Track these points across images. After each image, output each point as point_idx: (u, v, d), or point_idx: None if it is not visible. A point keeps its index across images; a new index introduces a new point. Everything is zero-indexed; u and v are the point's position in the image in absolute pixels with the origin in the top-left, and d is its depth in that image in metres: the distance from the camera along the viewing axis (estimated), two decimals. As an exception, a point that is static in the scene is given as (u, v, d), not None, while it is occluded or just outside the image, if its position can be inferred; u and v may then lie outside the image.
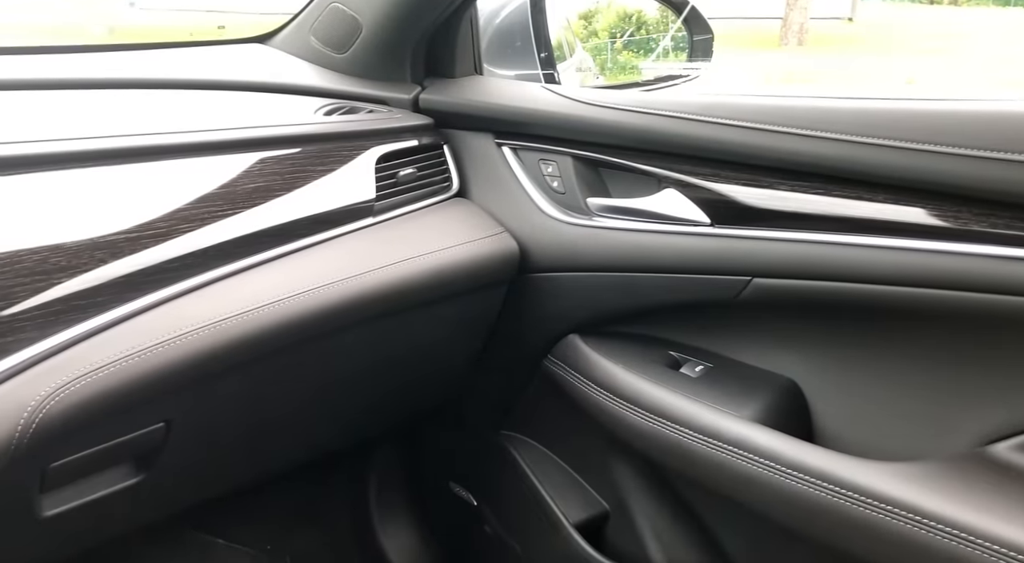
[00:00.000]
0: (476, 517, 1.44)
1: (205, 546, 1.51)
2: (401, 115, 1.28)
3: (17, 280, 0.78)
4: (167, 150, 0.96)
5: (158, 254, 0.89)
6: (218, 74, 1.27)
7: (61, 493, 0.91)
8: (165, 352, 0.86)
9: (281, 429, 1.16)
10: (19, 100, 1.05)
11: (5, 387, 0.75)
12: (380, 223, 1.15)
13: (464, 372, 1.35)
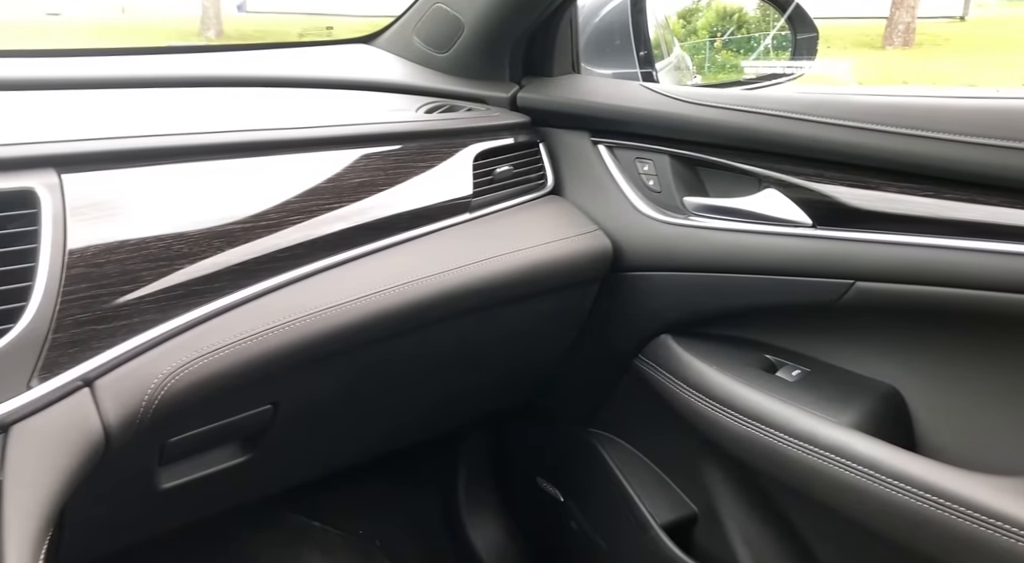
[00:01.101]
0: (562, 513, 1.45)
1: (301, 527, 1.57)
2: (499, 113, 1.30)
3: (144, 265, 0.83)
4: (279, 145, 1.00)
5: (270, 244, 0.93)
6: (326, 73, 1.32)
7: (177, 467, 0.97)
8: (275, 337, 0.90)
9: (377, 415, 1.19)
10: (146, 97, 1.12)
11: (131, 365, 0.80)
12: (476, 219, 1.17)
13: (554, 368, 1.36)
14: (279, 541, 1.53)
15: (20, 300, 0.73)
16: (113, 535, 1.03)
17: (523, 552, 1.60)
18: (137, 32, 10.53)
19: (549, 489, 1.48)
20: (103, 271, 0.79)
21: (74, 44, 6.08)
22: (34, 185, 0.76)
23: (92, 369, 0.77)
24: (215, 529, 1.46)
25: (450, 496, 1.62)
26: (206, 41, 9.74)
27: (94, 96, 1.08)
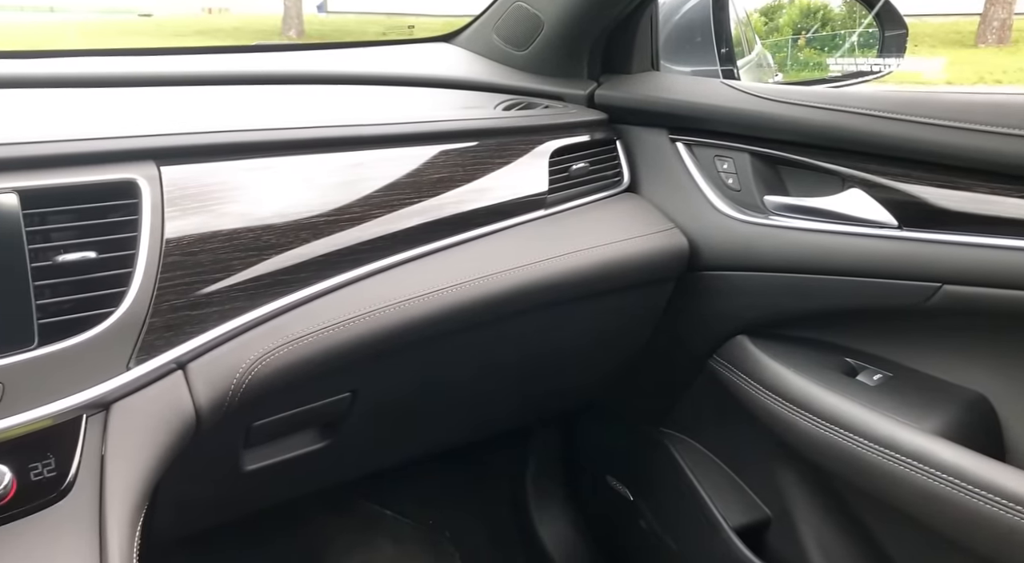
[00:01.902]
0: (632, 512, 1.44)
1: (374, 515, 1.60)
2: (576, 110, 1.31)
3: (235, 254, 0.86)
4: (362, 141, 1.03)
5: (353, 236, 0.96)
6: (407, 70, 1.35)
7: (260, 450, 1.00)
8: (355, 327, 0.92)
9: (450, 407, 1.21)
10: (236, 93, 1.17)
11: (222, 349, 0.84)
12: (551, 215, 1.18)
13: (627, 366, 1.36)
14: (353, 528, 1.57)
15: (121, 285, 0.77)
16: (199, 514, 1.08)
17: (591, 549, 1.60)
18: (221, 31, 10.88)
19: (618, 487, 1.47)
20: (197, 259, 0.83)
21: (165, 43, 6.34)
22: (135, 176, 0.80)
23: (185, 352, 0.80)
24: (294, 513, 1.51)
25: (519, 490, 1.63)
26: (287, 40, 10.01)
27: (187, 92, 1.13)
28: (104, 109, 0.99)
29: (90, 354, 0.74)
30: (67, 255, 0.74)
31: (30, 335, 0.71)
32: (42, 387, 0.71)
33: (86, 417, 0.73)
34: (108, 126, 0.83)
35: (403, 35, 1.96)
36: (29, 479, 0.69)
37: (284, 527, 1.50)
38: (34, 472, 0.69)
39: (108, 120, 0.88)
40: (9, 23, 10.16)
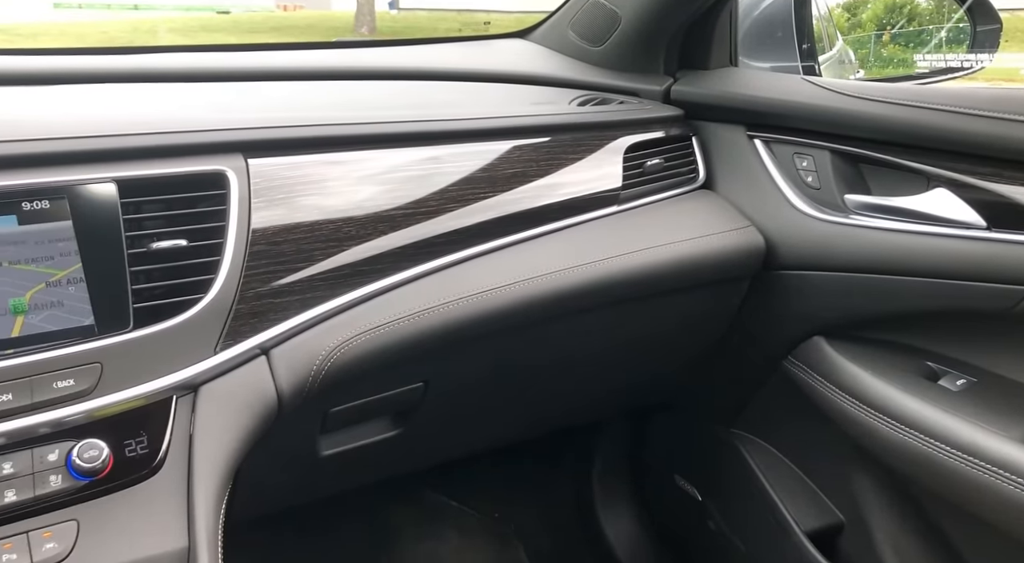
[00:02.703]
0: (700, 512, 1.43)
1: (441, 506, 1.63)
2: (651, 106, 1.30)
3: (316, 245, 0.88)
4: (438, 135, 1.04)
5: (428, 229, 0.98)
6: (483, 66, 1.36)
7: (335, 436, 1.03)
8: (430, 318, 0.94)
9: (519, 401, 1.22)
10: (317, 88, 1.19)
11: (303, 337, 0.86)
12: (625, 211, 1.17)
13: (698, 365, 1.35)
14: (419, 517, 1.60)
15: (210, 273, 0.80)
16: (275, 497, 1.11)
17: (657, 548, 1.59)
18: (295, 28, 11.11)
19: (686, 487, 1.46)
20: (280, 249, 0.85)
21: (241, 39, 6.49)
22: (224, 168, 0.83)
23: (268, 339, 0.83)
24: (363, 500, 1.54)
25: (585, 486, 1.64)
26: (359, 37, 10.17)
27: (269, 87, 1.16)
28: (193, 103, 1.03)
29: (181, 338, 0.77)
30: (160, 243, 0.78)
31: (126, 319, 0.74)
32: (136, 368, 0.74)
33: (176, 398, 0.76)
34: (198, 119, 0.86)
35: (479, 31, 1.97)
36: (124, 455, 0.72)
37: (353, 513, 1.53)
38: (128, 449, 0.72)
39: (197, 114, 0.91)
40: (98, 20, 10.59)
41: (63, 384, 0.70)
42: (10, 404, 0.67)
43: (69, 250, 0.73)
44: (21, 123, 0.77)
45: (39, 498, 0.68)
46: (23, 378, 0.68)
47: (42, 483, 0.68)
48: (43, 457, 0.69)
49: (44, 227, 0.73)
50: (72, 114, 0.86)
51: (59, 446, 0.69)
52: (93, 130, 0.78)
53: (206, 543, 0.71)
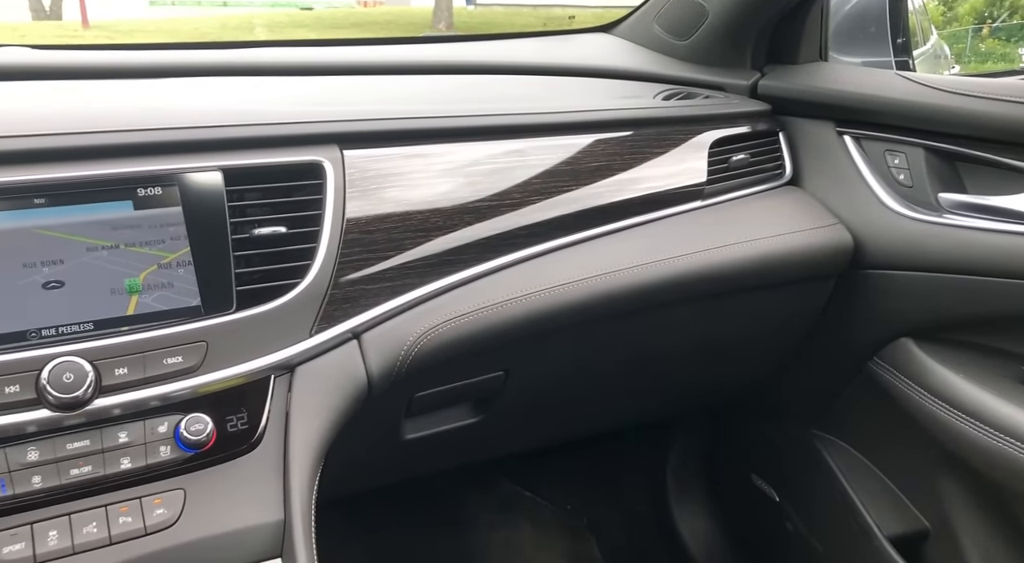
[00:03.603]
0: (777, 512, 1.41)
1: (515, 496, 1.65)
2: (738, 101, 1.28)
3: (406, 234, 0.91)
4: (525, 129, 1.05)
5: (512, 221, 0.99)
6: (567, 60, 1.37)
7: (418, 421, 1.06)
8: (512, 308, 0.96)
9: (597, 393, 1.23)
10: (405, 82, 1.22)
11: (392, 323, 0.89)
12: (709, 207, 1.17)
13: (779, 364, 1.33)
14: (494, 505, 1.62)
15: (307, 259, 0.83)
16: (358, 478, 1.15)
17: (731, 546, 1.58)
18: (375, 24, 11.29)
19: (764, 487, 1.44)
20: (373, 238, 0.88)
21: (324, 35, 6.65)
22: (322, 159, 0.86)
23: (360, 323, 0.86)
24: (440, 486, 1.57)
25: (659, 483, 1.63)
26: (437, 33, 10.28)
27: (359, 81, 1.19)
28: (289, 96, 1.06)
29: (279, 320, 0.80)
30: (261, 229, 0.81)
31: (230, 301, 0.78)
32: (238, 348, 0.78)
33: (274, 378, 0.80)
34: (296, 112, 0.90)
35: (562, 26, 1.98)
36: (226, 430, 0.76)
37: (430, 498, 1.57)
38: (230, 424, 0.76)
39: (295, 106, 0.94)
40: (190, 16, 10.99)
41: (172, 360, 0.74)
42: (126, 378, 0.72)
43: (179, 234, 0.77)
44: (132, 114, 0.82)
45: (150, 467, 0.72)
46: (137, 354, 0.73)
47: (153, 453, 0.72)
48: (154, 429, 0.73)
49: (157, 212, 0.77)
50: (178, 106, 0.91)
51: (168, 419, 0.74)
52: (200, 121, 0.82)
53: (301, 517, 0.75)
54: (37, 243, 0.72)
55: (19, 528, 0.67)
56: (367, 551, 1.47)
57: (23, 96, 0.92)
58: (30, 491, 0.68)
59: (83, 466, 0.70)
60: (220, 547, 0.72)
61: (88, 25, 8.49)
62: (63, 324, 0.71)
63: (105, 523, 0.69)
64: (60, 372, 0.68)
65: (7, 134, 0.73)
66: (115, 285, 0.74)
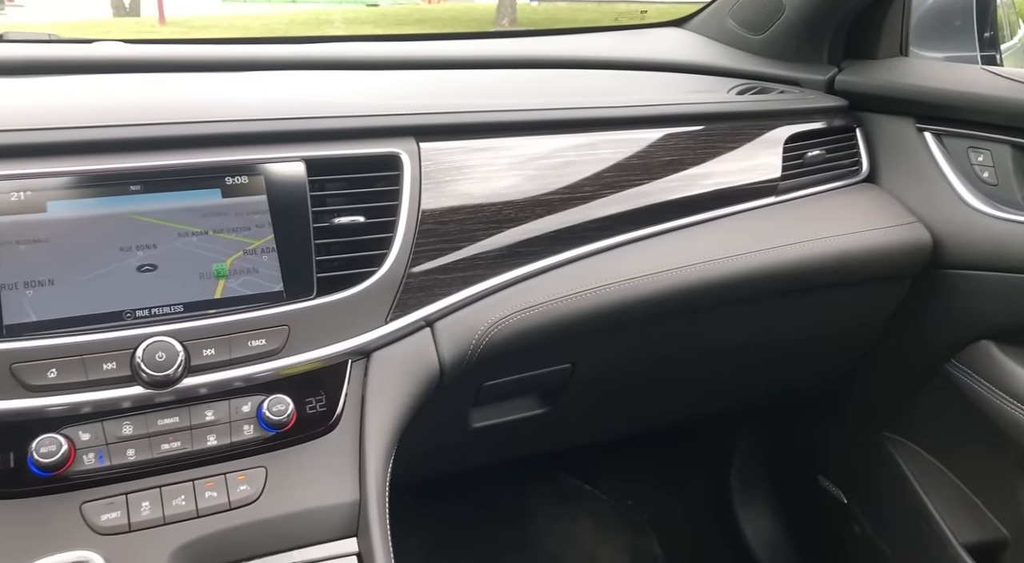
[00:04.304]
0: (845, 515, 1.39)
1: (573, 489, 1.65)
2: (814, 96, 1.26)
3: (479, 226, 0.92)
4: (596, 122, 1.06)
5: (583, 215, 1.00)
6: (640, 55, 1.36)
7: (486, 410, 1.07)
8: (581, 300, 0.96)
9: (662, 389, 1.23)
10: (476, 76, 1.23)
11: (464, 312, 0.90)
12: (782, 203, 1.15)
13: (851, 364, 1.30)
14: (555, 498, 1.63)
15: (384, 248, 0.85)
16: (428, 464, 1.17)
17: (796, 548, 1.55)
18: (439, 20, 11.37)
19: (831, 489, 1.42)
20: (446, 229, 0.90)
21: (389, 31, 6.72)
22: (399, 150, 0.88)
23: (433, 312, 0.88)
24: (503, 476, 1.59)
25: (722, 480, 1.62)
26: (500, 28, 10.28)
27: (431, 75, 1.21)
28: (366, 89, 1.09)
29: (356, 307, 0.82)
30: (341, 218, 0.83)
31: (311, 287, 0.80)
32: (318, 333, 0.80)
33: (351, 362, 0.82)
34: (374, 105, 0.92)
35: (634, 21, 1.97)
36: (305, 411, 0.78)
37: (492, 488, 1.58)
38: (309, 406, 0.79)
39: (373, 99, 0.96)
40: (260, 12, 11.26)
41: (256, 343, 0.77)
42: (213, 358, 0.74)
43: (263, 222, 0.80)
44: (219, 105, 0.85)
45: (234, 445, 0.75)
46: (223, 336, 0.75)
47: (237, 431, 0.75)
48: (238, 408, 0.76)
49: (243, 200, 0.80)
50: (262, 98, 0.94)
51: (251, 399, 0.77)
52: (284, 113, 0.85)
53: (376, 498, 0.77)
54: (133, 228, 0.75)
55: (115, 498, 0.71)
56: (430, 536, 1.50)
57: (117, 88, 0.96)
58: (125, 463, 0.71)
59: (173, 441, 0.73)
60: (300, 524, 0.74)
61: (165, 21, 8.76)
62: (156, 306, 0.74)
63: (193, 496, 0.73)
64: (153, 351, 0.71)
65: (106, 124, 0.77)
66: (204, 269, 0.77)
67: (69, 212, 0.74)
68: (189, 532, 0.71)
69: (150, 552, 0.70)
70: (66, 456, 0.68)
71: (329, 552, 0.75)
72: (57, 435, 0.69)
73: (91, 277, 0.73)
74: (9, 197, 0.72)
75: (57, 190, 0.73)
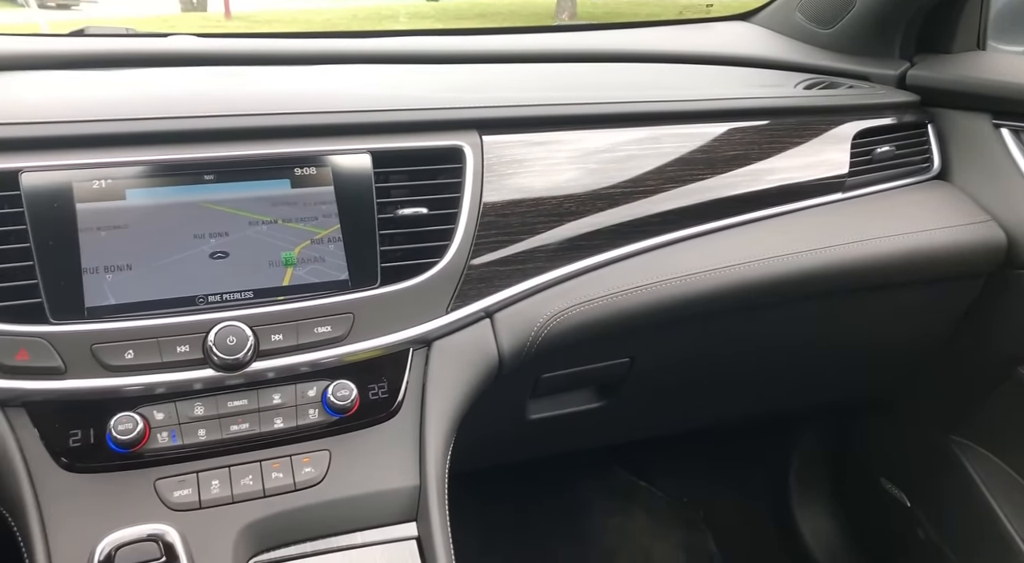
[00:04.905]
0: (908, 519, 1.35)
1: (628, 484, 1.65)
2: (884, 91, 1.23)
3: (539, 218, 0.93)
4: (660, 116, 1.05)
5: (645, 209, 0.99)
6: (704, 49, 1.35)
7: (543, 402, 1.08)
8: (641, 295, 0.96)
9: (723, 385, 1.21)
10: (538, 70, 1.23)
11: (523, 304, 0.91)
12: (850, 199, 1.13)
13: (917, 365, 1.27)
14: (609, 492, 1.63)
15: (445, 239, 0.86)
16: (484, 453, 1.18)
17: (856, 550, 1.52)
18: (499, 15, 11.38)
19: (894, 491, 1.39)
20: (507, 221, 0.90)
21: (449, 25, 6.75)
22: (462, 143, 0.89)
23: (493, 303, 0.89)
24: (557, 469, 1.59)
25: (780, 480, 1.59)
26: (560, 23, 10.23)
27: (493, 69, 1.21)
28: (429, 83, 1.10)
29: (418, 297, 0.84)
30: (404, 210, 0.85)
31: (375, 276, 0.82)
32: (381, 321, 0.82)
33: (412, 351, 0.84)
34: (438, 98, 0.93)
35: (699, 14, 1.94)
36: (368, 397, 0.80)
37: (546, 480, 1.59)
38: (371, 392, 0.81)
39: (436, 93, 0.98)
40: (321, 7, 11.43)
41: (322, 330, 0.78)
42: (280, 343, 0.77)
43: (330, 212, 0.82)
44: (289, 98, 0.87)
45: (300, 428, 0.77)
46: (291, 322, 0.77)
47: (303, 414, 0.77)
48: (304, 393, 0.78)
49: (311, 191, 0.82)
50: (329, 91, 0.96)
51: (316, 384, 0.79)
52: (351, 106, 0.86)
53: (435, 484, 0.78)
54: (206, 216, 0.78)
55: (187, 476, 0.73)
56: (484, 526, 1.51)
57: (193, 81, 0.99)
58: (196, 443, 0.74)
59: (241, 423, 0.76)
60: (362, 507, 0.76)
61: (231, 16, 8.97)
62: (227, 292, 0.77)
63: (260, 477, 0.75)
64: (224, 335, 0.73)
65: (182, 115, 0.79)
66: (273, 257, 0.79)
67: (147, 200, 0.76)
68: (256, 511, 0.74)
69: (219, 529, 0.72)
70: (141, 434, 0.71)
71: (389, 535, 0.77)
72: (133, 414, 0.72)
73: (167, 263, 0.76)
74: (91, 185, 0.75)
75: (136, 178, 0.76)
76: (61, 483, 0.71)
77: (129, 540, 0.70)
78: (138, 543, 0.69)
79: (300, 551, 0.75)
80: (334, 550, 0.76)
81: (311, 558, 0.75)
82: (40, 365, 0.70)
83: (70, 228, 0.73)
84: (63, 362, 0.71)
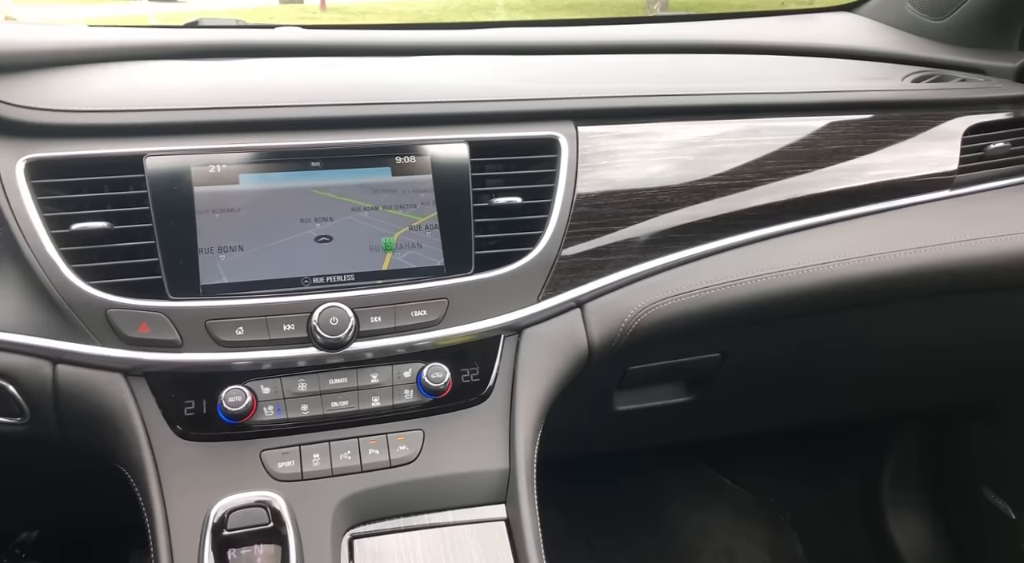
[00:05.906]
0: (1013, 532, 1.29)
1: (713, 482, 1.63)
2: (1000, 85, 1.17)
3: (633, 210, 0.93)
4: (759, 108, 1.03)
5: (741, 202, 0.98)
6: (808, 40, 1.31)
7: (630, 394, 1.08)
8: (736, 290, 0.95)
9: (816, 385, 1.19)
10: (631, 61, 1.22)
11: (614, 295, 0.91)
12: (958, 197, 1.08)
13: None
14: (691, 488, 1.62)
15: (538, 229, 0.87)
16: (570, 442, 1.19)
17: (954, 562, 1.47)
18: (589, 6, 11.30)
19: (997, 502, 1.33)
20: (600, 212, 0.90)
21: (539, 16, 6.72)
22: (557, 134, 0.90)
23: (583, 293, 0.89)
24: (640, 462, 1.59)
25: (872, 486, 1.55)
26: (651, 14, 10.07)
27: (588, 59, 1.20)
28: (524, 74, 1.10)
29: (510, 285, 0.85)
30: (499, 199, 0.86)
31: (469, 263, 0.84)
32: (474, 307, 0.83)
33: (503, 337, 0.85)
34: (534, 89, 0.93)
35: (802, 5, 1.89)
36: (460, 381, 0.82)
37: (628, 473, 1.59)
38: (463, 376, 0.83)
39: (532, 84, 0.98)
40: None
41: (418, 313, 0.81)
42: (379, 325, 0.79)
43: (428, 200, 0.84)
44: (390, 88, 0.89)
45: (396, 407, 0.80)
46: (389, 305, 0.80)
47: (399, 394, 0.80)
48: (400, 373, 0.81)
49: (410, 179, 0.84)
50: (429, 82, 0.97)
51: (412, 366, 0.81)
52: (449, 96, 0.88)
53: (524, 468, 0.80)
54: (312, 201, 0.81)
55: (290, 448, 0.77)
56: (567, 513, 1.53)
57: (299, 71, 1.02)
58: (299, 417, 0.78)
59: (341, 400, 0.79)
60: (453, 486, 0.79)
61: (326, 7, 9.21)
62: (330, 274, 0.80)
63: (357, 453, 0.78)
64: (327, 316, 0.76)
65: (292, 104, 0.82)
66: (373, 242, 0.82)
67: (258, 185, 0.80)
68: (353, 485, 0.77)
69: (320, 500, 0.75)
70: (249, 406, 0.75)
71: (479, 515, 0.79)
72: (243, 387, 0.76)
73: (275, 245, 0.79)
74: (208, 169, 0.79)
75: (249, 164, 0.80)
76: (176, 449, 0.76)
77: (241, 505, 0.74)
78: (249, 508, 0.73)
79: (394, 526, 0.78)
80: (427, 527, 0.78)
81: (405, 533, 0.78)
82: (159, 338, 0.75)
83: (188, 210, 0.77)
84: (180, 336, 0.75)
